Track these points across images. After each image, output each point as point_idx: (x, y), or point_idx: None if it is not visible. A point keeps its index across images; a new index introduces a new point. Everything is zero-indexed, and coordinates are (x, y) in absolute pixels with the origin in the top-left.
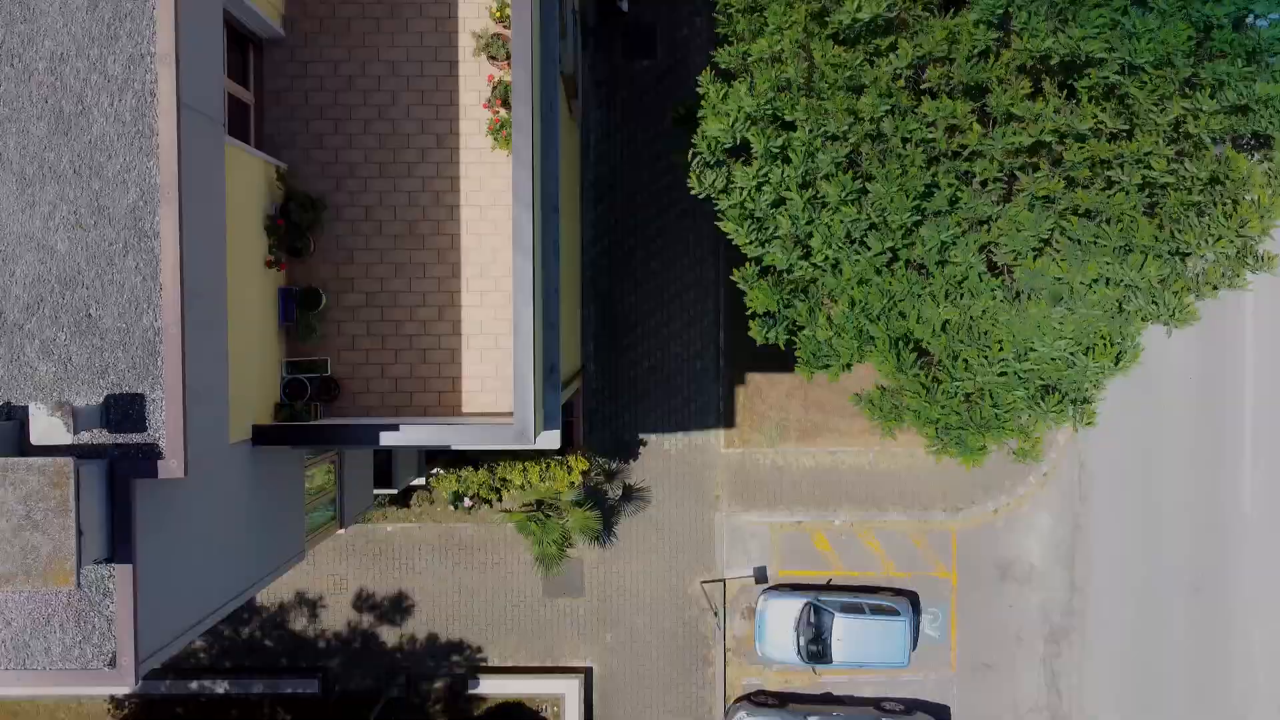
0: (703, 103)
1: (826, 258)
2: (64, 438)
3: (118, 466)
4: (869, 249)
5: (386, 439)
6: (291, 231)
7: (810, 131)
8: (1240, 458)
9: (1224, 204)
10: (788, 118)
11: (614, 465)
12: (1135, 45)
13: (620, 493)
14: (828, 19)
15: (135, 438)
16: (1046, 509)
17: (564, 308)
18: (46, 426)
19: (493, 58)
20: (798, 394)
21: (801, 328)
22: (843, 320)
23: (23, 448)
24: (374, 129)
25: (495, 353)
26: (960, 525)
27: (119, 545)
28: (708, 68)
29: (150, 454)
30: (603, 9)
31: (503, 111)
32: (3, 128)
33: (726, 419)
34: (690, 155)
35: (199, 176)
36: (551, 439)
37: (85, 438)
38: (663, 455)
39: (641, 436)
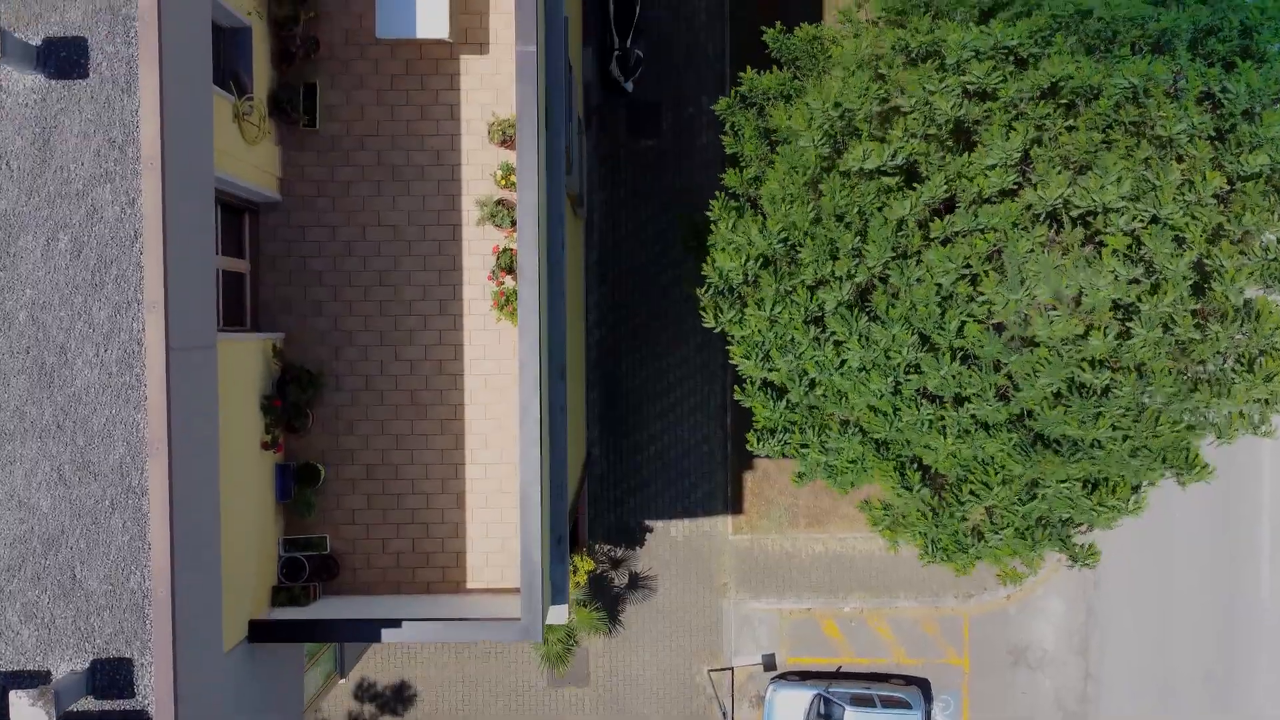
0: (713, 229)
1: (827, 387)
2: None
3: None
4: (870, 379)
5: (389, 636)
6: (289, 411)
7: (815, 271)
8: (1258, 544)
9: (1251, 353)
10: (797, 249)
11: (620, 552)
12: (1159, 197)
13: (626, 580)
14: (837, 161)
15: (123, 704)
16: (1059, 594)
17: (571, 428)
18: (29, 718)
19: (498, 225)
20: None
21: (805, 445)
22: (838, 443)
23: (4, 716)
24: (374, 295)
25: (500, 526)
26: (972, 611)
27: None
28: (720, 194)
29: None
30: (606, 87)
31: (508, 281)
32: None
33: (734, 504)
34: (705, 289)
35: (190, 419)
36: (559, 614)
37: (70, 706)
38: (669, 541)
39: (648, 522)
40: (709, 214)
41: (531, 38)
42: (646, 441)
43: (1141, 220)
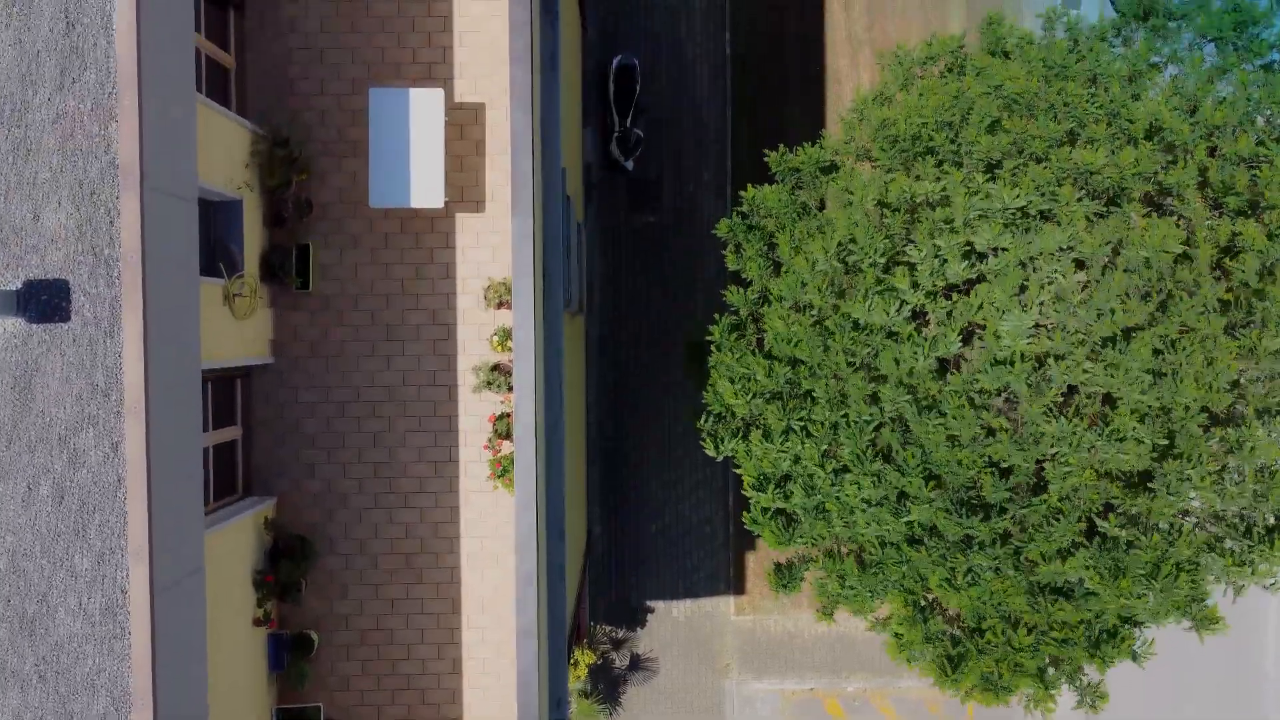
0: (715, 350)
1: (843, 518)
2: None
3: None
4: (885, 520)
5: None
6: (282, 586)
7: (831, 411)
8: (1265, 616)
9: (1266, 520)
10: (804, 385)
11: (621, 633)
12: (1175, 386)
13: (628, 662)
14: (841, 303)
15: None
16: None
17: (571, 526)
18: None
19: (495, 390)
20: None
21: (821, 570)
22: (855, 579)
23: None
24: (368, 457)
25: (498, 690)
26: None
27: None
28: (723, 317)
29: None
30: (606, 163)
31: (505, 447)
32: None
33: (737, 585)
34: (704, 419)
35: (176, 661)
36: None
37: None
38: (671, 622)
39: (649, 602)
40: (709, 337)
41: (528, 210)
42: (648, 519)
43: (1160, 400)
